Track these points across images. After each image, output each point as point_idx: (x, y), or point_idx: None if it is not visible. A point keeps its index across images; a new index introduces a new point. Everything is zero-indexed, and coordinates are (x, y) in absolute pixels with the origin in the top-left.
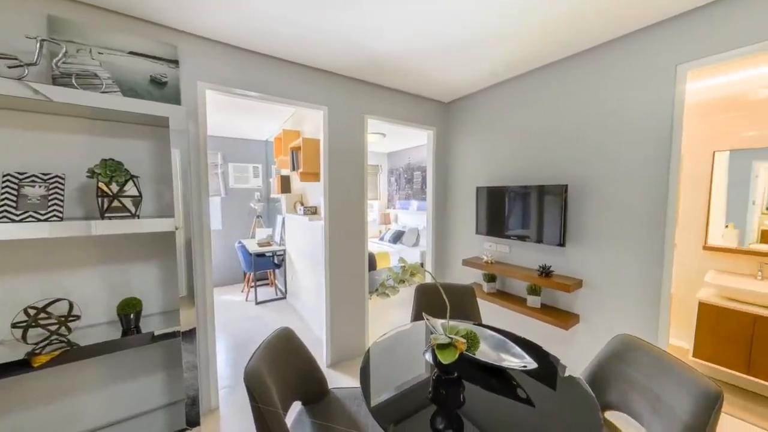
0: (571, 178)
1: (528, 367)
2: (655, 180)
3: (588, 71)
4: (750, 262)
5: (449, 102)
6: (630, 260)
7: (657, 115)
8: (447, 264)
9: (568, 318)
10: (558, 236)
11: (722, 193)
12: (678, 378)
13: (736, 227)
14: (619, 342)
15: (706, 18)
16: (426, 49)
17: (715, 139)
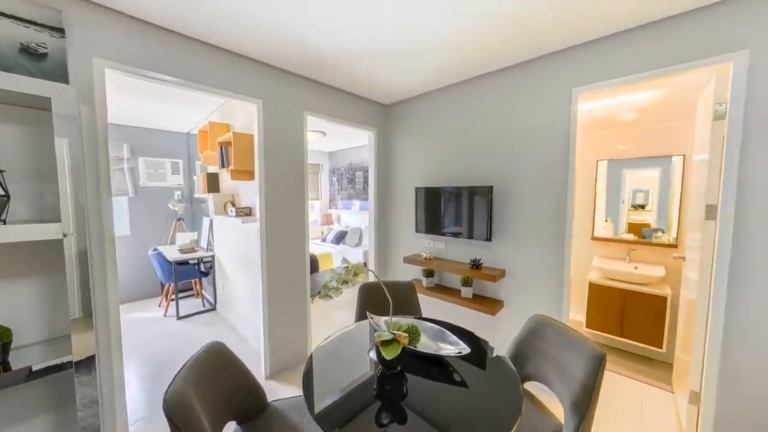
0: (495, 180)
1: (463, 353)
2: (558, 182)
3: (507, 87)
4: (621, 248)
5: (389, 104)
6: (541, 250)
7: (558, 128)
8: (389, 262)
9: (494, 305)
10: (486, 232)
11: (603, 194)
12: (576, 346)
13: (612, 221)
14: (533, 321)
15: (595, 50)
16: (366, 52)
17: (598, 151)
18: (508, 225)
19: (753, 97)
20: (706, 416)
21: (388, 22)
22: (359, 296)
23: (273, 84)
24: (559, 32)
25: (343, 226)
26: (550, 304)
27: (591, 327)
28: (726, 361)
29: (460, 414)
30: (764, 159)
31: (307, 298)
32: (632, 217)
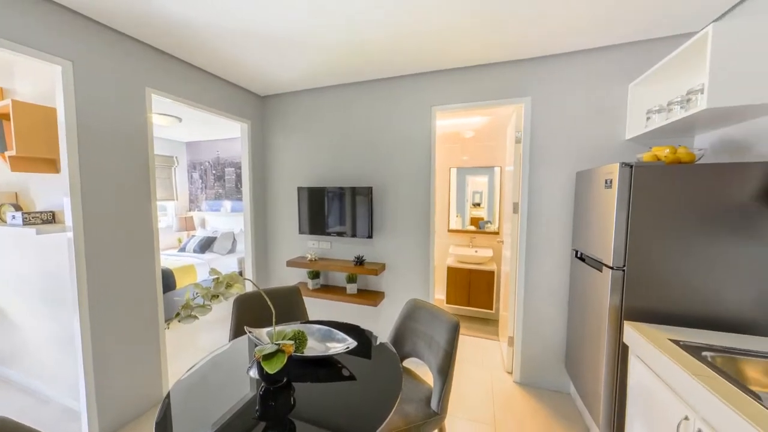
0: (375, 182)
1: (350, 347)
2: (424, 185)
3: (384, 96)
4: (467, 237)
5: (266, 96)
6: (413, 243)
7: (423, 139)
8: (271, 268)
9: (377, 296)
10: (367, 230)
11: (454, 195)
12: (440, 320)
13: (460, 216)
14: (408, 306)
15: (448, 78)
16: (233, 30)
17: (450, 160)
18: (386, 222)
19: (535, 129)
20: (517, 352)
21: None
22: (234, 310)
23: (97, 43)
24: (425, 58)
25: (210, 231)
26: (421, 289)
27: (450, 303)
28: (527, 310)
29: (350, 407)
30: (542, 171)
31: (159, 325)
32: (473, 212)
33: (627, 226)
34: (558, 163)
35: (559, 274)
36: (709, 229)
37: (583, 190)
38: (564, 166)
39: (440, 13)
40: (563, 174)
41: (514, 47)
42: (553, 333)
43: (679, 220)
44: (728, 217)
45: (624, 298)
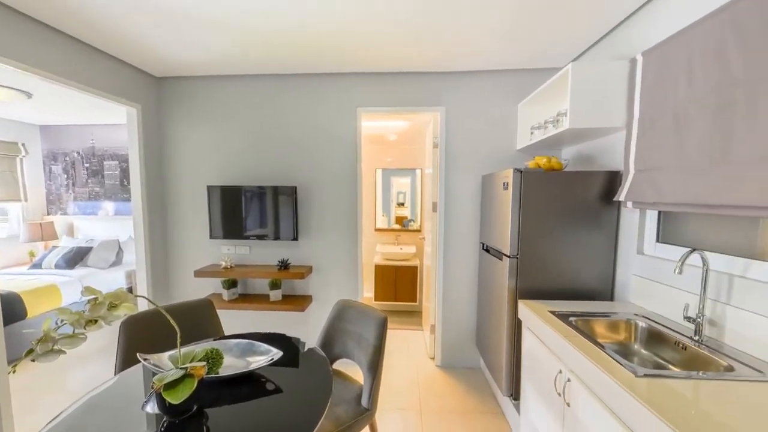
0: (300, 181)
1: (275, 359)
2: (351, 184)
3: (311, 92)
4: (392, 235)
5: (165, 77)
6: (341, 244)
7: (349, 139)
8: (173, 281)
9: (304, 301)
10: (292, 231)
11: (380, 195)
12: (369, 317)
13: (386, 215)
14: (337, 307)
15: (373, 81)
16: None
17: (376, 161)
18: (312, 223)
19: (449, 136)
20: (438, 338)
21: None
22: (122, 336)
23: None
24: (350, 59)
25: (82, 240)
26: (350, 289)
27: (378, 300)
28: (446, 299)
29: (275, 423)
30: (456, 174)
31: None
32: (397, 212)
33: (519, 221)
34: (468, 167)
35: (470, 265)
36: (572, 222)
37: (488, 192)
38: (473, 170)
39: (366, 18)
40: (472, 177)
41: (432, 60)
42: (467, 317)
43: (553, 215)
44: (583, 212)
45: (518, 281)
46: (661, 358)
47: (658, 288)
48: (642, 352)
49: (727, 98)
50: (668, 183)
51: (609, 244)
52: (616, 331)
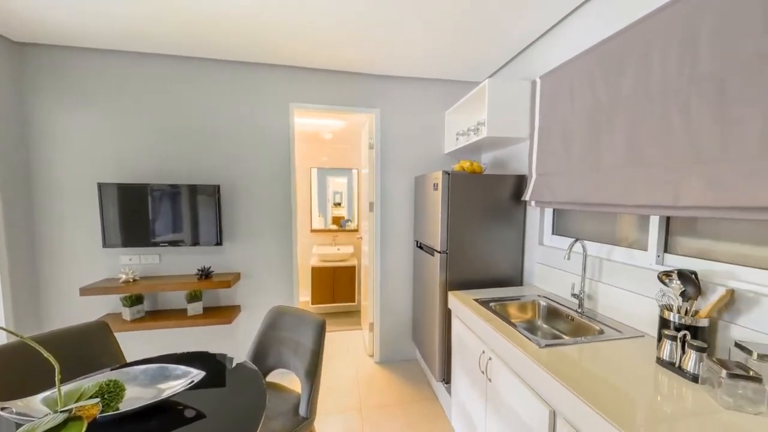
0: (223, 179)
1: (195, 380)
2: (284, 183)
3: (238, 81)
4: (329, 236)
5: (28, 44)
6: (273, 247)
7: (281, 135)
8: (49, 302)
9: (231, 312)
10: (215, 235)
11: (316, 195)
12: (306, 322)
13: (322, 216)
14: (271, 314)
15: (306, 76)
16: None
17: (311, 159)
18: (239, 226)
19: (384, 138)
20: (376, 335)
21: None
22: None
23: None
24: (283, 51)
25: None
26: (285, 294)
27: (315, 303)
28: (383, 296)
29: None
30: (391, 174)
31: None
32: (334, 212)
33: (448, 219)
34: (402, 168)
35: (406, 262)
36: (490, 219)
37: (420, 192)
38: (407, 171)
39: (296, 11)
40: (406, 178)
41: (368, 62)
42: (403, 312)
43: (475, 213)
44: (498, 210)
45: (448, 274)
46: (557, 330)
47: (554, 272)
48: (543, 326)
49: (596, 119)
50: (559, 185)
51: (518, 237)
52: (524, 311)
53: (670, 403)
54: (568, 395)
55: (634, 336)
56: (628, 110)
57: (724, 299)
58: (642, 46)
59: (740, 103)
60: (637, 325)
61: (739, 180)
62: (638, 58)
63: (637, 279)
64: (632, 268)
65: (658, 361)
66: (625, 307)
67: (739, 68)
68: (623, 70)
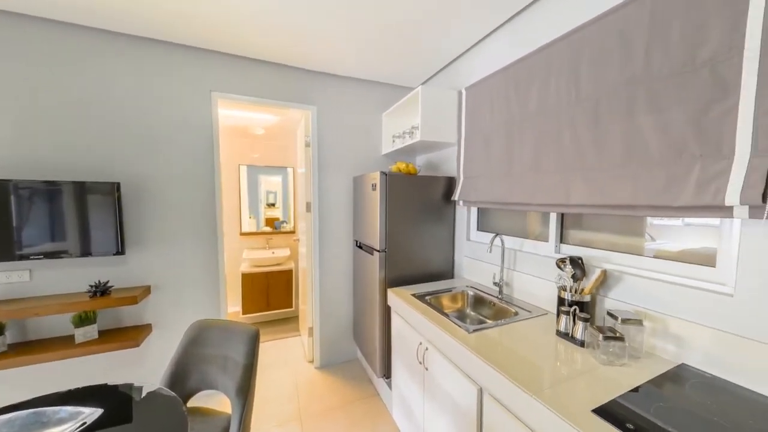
0: (126, 176)
1: (88, 422)
2: (207, 181)
3: (145, 60)
4: (262, 239)
5: None
6: (195, 252)
7: (202, 128)
8: None
9: (138, 333)
10: (114, 243)
11: (245, 195)
12: (236, 334)
13: (254, 217)
14: (192, 330)
15: (232, 65)
16: None
17: (240, 156)
18: (150, 230)
19: (321, 137)
20: (316, 339)
21: None
22: None
23: None
24: (201, 32)
25: None
26: (210, 306)
27: (247, 312)
28: (323, 299)
29: None
30: (329, 174)
31: None
32: (267, 213)
33: (386, 218)
34: (341, 168)
35: (345, 262)
36: (425, 218)
37: (359, 192)
38: (345, 171)
39: None
40: (345, 178)
41: (303, 57)
42: (344, 312)
43: (411, 212)
44: (432, 209)
45: (387, 272)
46: (482, 315)
47: (479, 264)
48: (471, 313)
49: (510, 130)
50: (482, 187)
51: (449, 234)
52: (456, 301)
53: (565, 366)
54: (491, 372)
55: (540, 314)
56: (533, 124)
57: (600, 278)
58: (543, 70)
59: (608, 121)
60: (543, 305)
61: (608, 183)
62: (540, 80)
63: (542, 266)
64: (538, 257)
65: (557, 333)
66: (533, 290)
67: (607, 93)
68: (530, 89)
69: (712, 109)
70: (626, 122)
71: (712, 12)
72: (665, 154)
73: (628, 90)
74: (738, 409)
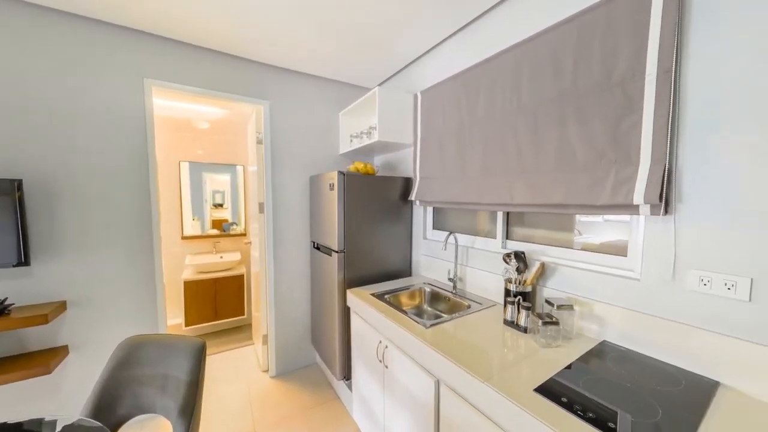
0: (32, 172)
1: None
2: (139, 179)
3: (61, 38)
4: (208, 243)
5: None
6: (125, 260)
7: (134, 117)
8: None
9: (50, 357)
10: (15, 252)
11: (187, 195)
12: (177, 350)
13: (199, 219)
14: (121, 349)
15: (171, 49)
16: None
17: (180, 152)
18: (65, 236)
19: (275, 134)
20: (271, 347)
21: None
22: None
23: None
24: (127, 10)
25: None
26: (145, 320)
27: (190, 324)
28: (278, 304)
29: None
30: (284, 173)
31: None
32: (214, 214)
33: (344, 218)
34: (296, 167)
35: (302, 264)
36: (383, 217)
37: (316, 192)
38: (301, 170)
39: None
40: (301, 177)
41: (251, 47)
42: (301, 317)
43: (370, 212)
44: (390, 209)
45: (346, 273)
46: (439, 310)
47: (436, 261)
48: (429, 309)
49: (461, 134)
50: (437, 187)
51: (407, 233)
52: (414, 298)
53: (511, 352)
54: (447, 364)
55: (490, 306)
56: (482, 130)
57: (539, 270)
58: (490, 80)
59: (545, 129)
60: (492, 297)
61: (545, 185)
62: (487, 88)
63: (491, 261)
64: (487, 252)
65: (505, 322)
66: (484, 283)
67: (543, 104)
68: (478, 97)
69: (623, 123)
70: (559, 131)
71: (623, 41)
72: (589, 160)
73: (559, 103)
74: (644, 375)
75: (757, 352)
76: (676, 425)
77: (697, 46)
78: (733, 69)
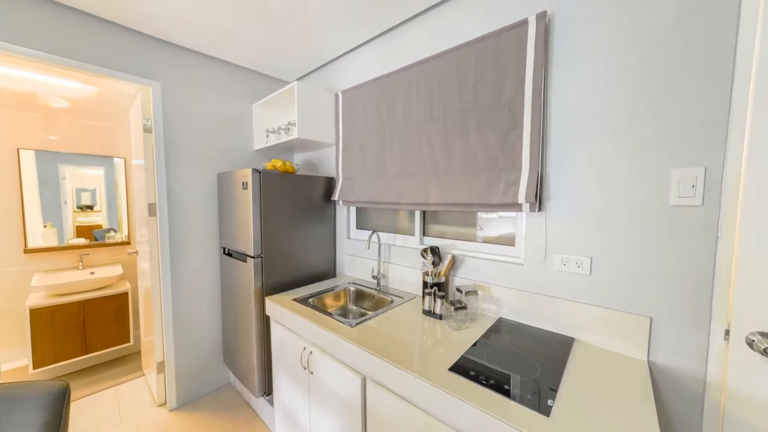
0: None
1: None
2: None
3: None
4: (71, 256)
5: None
6: None
7: None
8: None
9: None
10: None
11: (35, 194)
12: (18, 403)
13: (54, 226)
14: None
15: None
16: None
17: (20, 137)
18: None
19: (170, 122)
20: (170, 375)
21: None
22: None
23: None
24: None
25: None
26: None
27: (42, 365)
28: (178, 323)
29: None
30: (182, 168)
31: None
32: (80, 219)
33: (261, 221)
34: (199, 162)
35: (209, 273)
36: (304, 218)
37: (225, 191)
38: (206, 166)
39: None
40: (206, 174)
41: (131, 13)
42: (209, 334)
43: (289, 213)
44: (312, 209)
45: (264, 280)
46: (363, 308)
47: (359, 260)
48: (354, 308)
49: (382, 136)
50: (359, 187)
51: (330, 233)
52: (338, 299)
53: (430, 338)
54: (372, 359)
55: (411, 299)
56: (400, 133)
57: (450, 262)
58: (407, 87)
59: (453, 137)
60: (413, 290)
61: (453, 186)
62: (404, 95)
63: (411, 257)
64: (407, 249)
65: (423, 312)
66: (405, 278)
67: (451, 114)
68: (396, 102)
69: (510, 136)
70: (463, 139)
71: (509, 70)
72: (486, 165)
73: (464, 114)
74: (528, 341)
75: (596, 312)
76: (550, 375)
77: (556, 79)
78: (577, 99)
